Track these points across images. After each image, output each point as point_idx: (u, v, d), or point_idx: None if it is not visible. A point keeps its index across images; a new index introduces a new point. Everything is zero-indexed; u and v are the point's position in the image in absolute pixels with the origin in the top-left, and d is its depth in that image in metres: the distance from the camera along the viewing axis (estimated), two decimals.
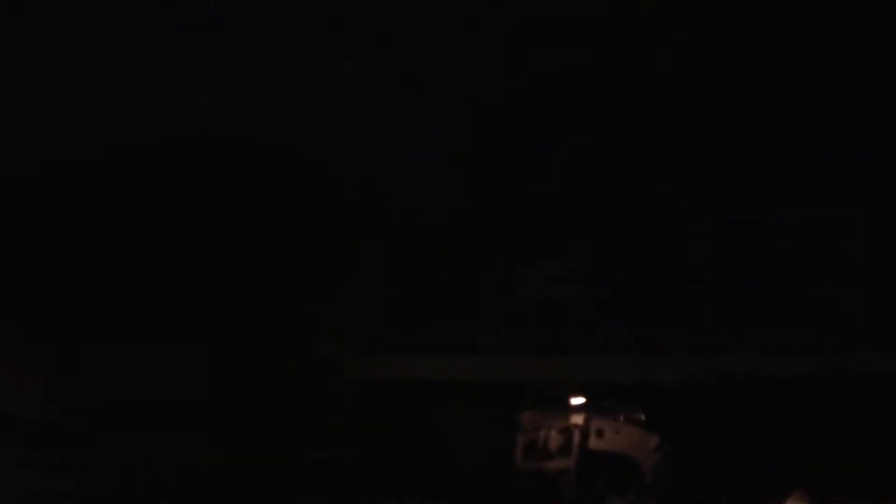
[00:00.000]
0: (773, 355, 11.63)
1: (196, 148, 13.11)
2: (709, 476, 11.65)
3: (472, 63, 12.58)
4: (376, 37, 12.95)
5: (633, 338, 11.85)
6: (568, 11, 12.25)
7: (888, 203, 11.43)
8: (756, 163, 12.05)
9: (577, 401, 11.86)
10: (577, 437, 11.82)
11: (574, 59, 12.23)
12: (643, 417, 11.83)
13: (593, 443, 11.88)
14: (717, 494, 11.51)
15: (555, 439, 11.93)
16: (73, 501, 11.59)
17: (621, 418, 11.91)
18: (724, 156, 12.15)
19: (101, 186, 12.93)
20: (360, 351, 12.47)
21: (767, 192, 11.93)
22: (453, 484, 12.11)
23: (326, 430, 12.46)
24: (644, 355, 11.76)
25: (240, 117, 13.05)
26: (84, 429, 12.28)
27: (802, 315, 11.75)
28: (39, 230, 12.73)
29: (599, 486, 11.66)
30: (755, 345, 11.71)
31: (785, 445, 11.74)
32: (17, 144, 12.67)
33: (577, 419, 11.88)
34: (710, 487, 11.53)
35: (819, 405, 11.53)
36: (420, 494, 12.05)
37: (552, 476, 11.74)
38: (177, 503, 11.81)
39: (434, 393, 12.29)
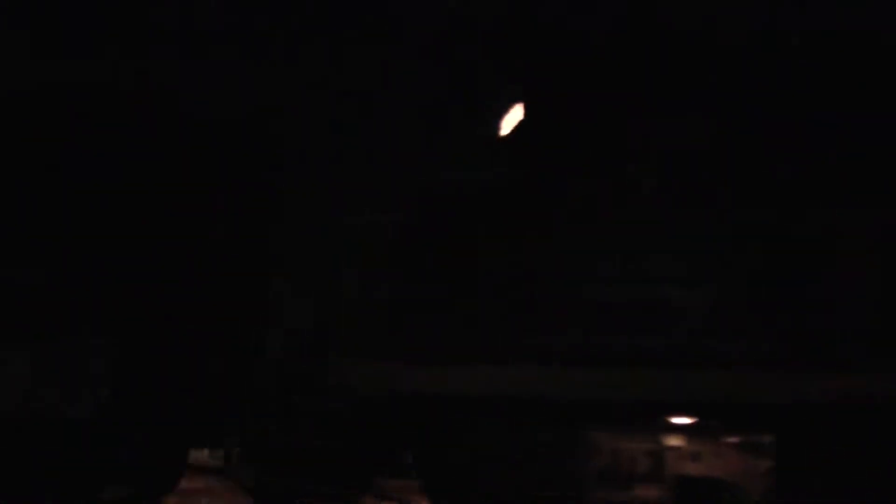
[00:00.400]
0: None
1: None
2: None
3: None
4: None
5: (738, 350, 9.60)
6: None
7: None
8: None
9: (678, 420, 9.71)
10: (671, 461, 9.70)
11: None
12: (757, 440, 9.69)
13: (688, 467, 9.80)
14: None
15: (641, 463, 9.80)
16: None
17: (725, 440, 9.79)
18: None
19: None
20: (402, 360, 10.22)
21: None
22: None
23: (344, 450, 10.32)
24: (754, 371, 9.51)
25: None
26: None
27: None
28: None
29: None
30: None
31: None
32: None
33: (672, 440, 9.77)
34: None
35: None
36: None
37: None
38: None
39: (490, 409, 10.02)
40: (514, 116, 10.49)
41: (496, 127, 10.62)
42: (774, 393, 9.43)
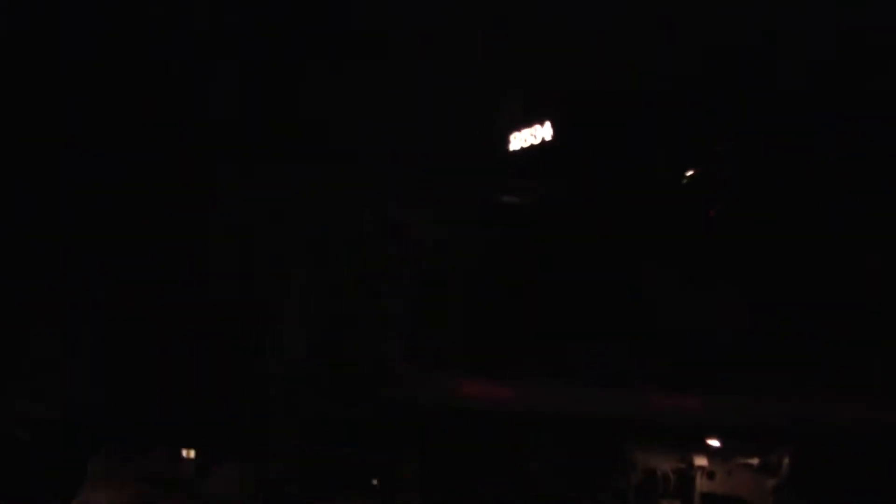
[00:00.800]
0: None
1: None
2: None
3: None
4: None
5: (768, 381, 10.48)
6: None
7: None
8: None
9: (712, 442, 10.49)
10: (699, 479, 10.51)
11: None
12: (765, 461, 10.67)
13: (703, 485, 10.69)
14: None
15: (669, 480, 10.56)
16: None
17: (736, 461, 10.71)
18: None
19: None
20: (449, 372, 10.33)
21: None
22: None
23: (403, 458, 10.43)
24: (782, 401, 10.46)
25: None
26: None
27: None
28: None
29: None
30: None
31: None
32: None
33: (693, 460, 10.57)
34: None
35: None
36: None
37: None
38: None
39: (532, 424, 10.35)
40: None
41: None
42: (789, 418, 10.41)
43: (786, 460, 10.82)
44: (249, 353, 11.10)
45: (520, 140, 11.39)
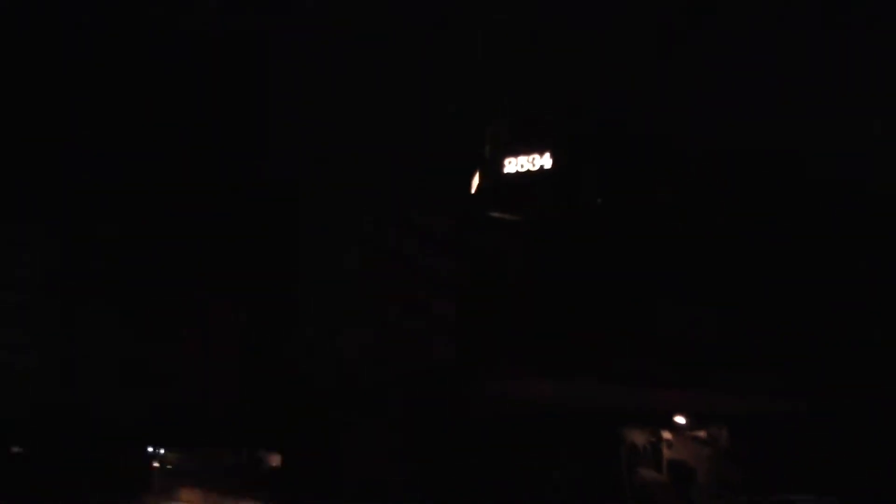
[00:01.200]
0: None
1: None
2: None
3: None
4: None
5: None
6: None
7: None
8: None
9: (679, 419, 16.24)
10: (664, 449, 16.45)
11: None
12: (704, 435, 16.69)
13: (666, 453, 16.66)
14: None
15: (648, 451, 16.47)
16: None
17: (686, 434, 16.65)
18: None
19: None
20: (500, 374, 15.61)
21: None
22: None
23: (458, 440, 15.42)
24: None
25: None
26: None
27: None
28: None
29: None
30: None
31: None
32: None
33: (666, 435, 16.45)
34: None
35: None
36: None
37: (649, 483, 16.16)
38: None
39: (554, 414, 16.08)
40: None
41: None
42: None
43: (724, 434, 16.60)
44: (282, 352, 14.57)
45: (516, 164, 15.77)
